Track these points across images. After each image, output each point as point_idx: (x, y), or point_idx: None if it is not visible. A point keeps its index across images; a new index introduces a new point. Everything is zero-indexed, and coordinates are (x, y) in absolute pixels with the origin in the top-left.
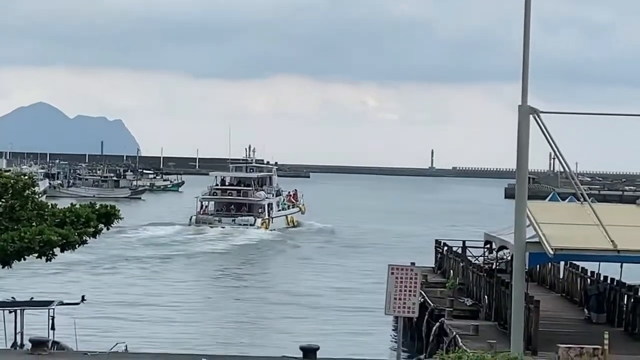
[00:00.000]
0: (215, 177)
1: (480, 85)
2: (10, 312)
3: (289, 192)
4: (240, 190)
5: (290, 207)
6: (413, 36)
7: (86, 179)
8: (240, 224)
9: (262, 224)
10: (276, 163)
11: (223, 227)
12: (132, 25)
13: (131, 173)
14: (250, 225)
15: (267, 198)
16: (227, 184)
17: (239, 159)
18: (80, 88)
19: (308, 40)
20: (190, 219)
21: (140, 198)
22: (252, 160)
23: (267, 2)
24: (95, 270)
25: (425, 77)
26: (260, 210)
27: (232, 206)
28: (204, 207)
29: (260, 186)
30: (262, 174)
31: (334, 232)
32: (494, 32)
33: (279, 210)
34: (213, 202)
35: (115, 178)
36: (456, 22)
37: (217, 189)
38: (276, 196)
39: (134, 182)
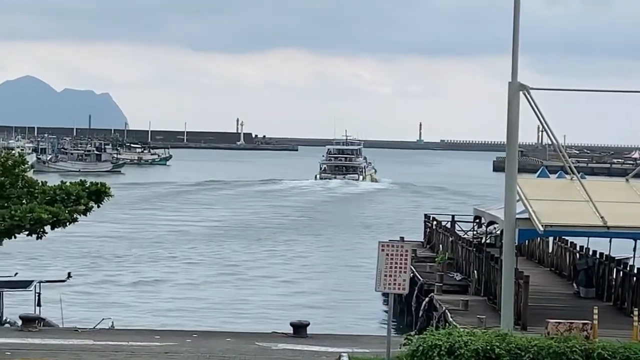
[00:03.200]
0: (328, 149)
1: (473, 59)
2: None
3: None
4: (345, 157)
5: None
6: (412, 9)
7: (71, 153)
8: (349, 179)
9: (363, 178)
10: (264, 136)
11: (337, 181)
12: None
13: (110, 147)
14: (355, 180)
15: (362, 162)
16: (334, 153)
17: (339, 139)
18: (67, 61)
19: (307, 13)
20: (316, 177)
21: (119, 172)
22: (352, 138)
23: None
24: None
25: (422, 50)
26: (360, 171)
27: (342, 167)
28: (322, 168)
29: (356, 155)
30: (355, 147)
31: (406, 186)
32: (491, 6)
33: (368, 171)
34: (329, 165)
35: (97, 152)
36: None
37: (331, 156)
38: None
39: (115, 156)
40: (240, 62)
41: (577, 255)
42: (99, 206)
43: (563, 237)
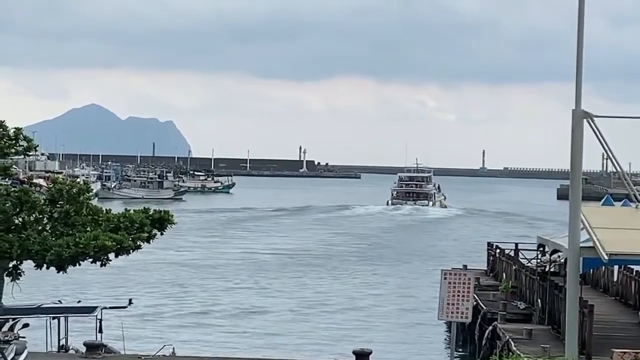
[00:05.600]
0: (399, 176)
1: (538, 85)
2: (53, 318)
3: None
4: (416, 184)
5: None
6: (476, 36)
7: (134, 180)
8: (419, 205)
9: (433, 204)
10: (326, 164)
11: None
12: (189, 27)
13: (172, 175)
14: (425, 206)
15: (432, 189)
16: (405, 179)
17: (410, 166)
18: (132, 89)
19: (371, 40)
20: (388, 202)
21: (181, 199)
22: (422, 165)
23: (332, 3)
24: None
25: (486, 77)
26: (430, 197)
27: (413, 194)
28: (394, 194)
29: (426, 182)
30: (425, 174)
31: (473, 213)
32: (556, 32)
33: (438, 197)
34: (400, 191)
35: (158, 180)
36: (520, 21)
37: (402, 182)
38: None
39: (176, 183)
40: (304, 89)
41: None
42: (162, 233)
43: (628, 265)
